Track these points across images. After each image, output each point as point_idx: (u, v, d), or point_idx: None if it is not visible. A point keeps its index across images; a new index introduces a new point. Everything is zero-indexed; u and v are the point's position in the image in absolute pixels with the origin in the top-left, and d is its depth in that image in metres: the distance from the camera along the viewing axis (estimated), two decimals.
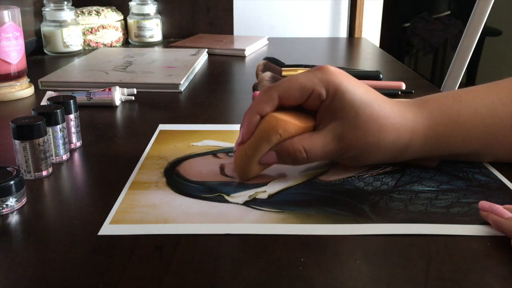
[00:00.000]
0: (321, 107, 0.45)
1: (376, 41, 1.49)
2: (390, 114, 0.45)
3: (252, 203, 0.43)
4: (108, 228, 0.39)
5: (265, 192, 0.45)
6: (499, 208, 0.39)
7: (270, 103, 0.45)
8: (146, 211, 0.42)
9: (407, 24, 2.50)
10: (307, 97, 0.45)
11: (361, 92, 0.45)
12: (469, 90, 0.49)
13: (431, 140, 0.46)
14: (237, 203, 0.43)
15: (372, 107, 0.44)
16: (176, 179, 0.48)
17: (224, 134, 0.60)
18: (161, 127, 0.62)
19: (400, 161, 0.48)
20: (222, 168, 0.50)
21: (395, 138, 0.45)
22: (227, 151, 0.54)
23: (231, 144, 0.56)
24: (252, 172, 0.47)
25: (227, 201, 0.43)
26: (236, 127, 0.63)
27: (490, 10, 1.15)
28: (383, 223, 0.40)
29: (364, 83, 0.47)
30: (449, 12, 2.55)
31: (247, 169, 0.46)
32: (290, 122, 0.45)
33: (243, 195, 0.44)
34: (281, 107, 0.46)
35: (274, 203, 0.43)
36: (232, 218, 0.40)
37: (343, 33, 1.44)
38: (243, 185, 0.46)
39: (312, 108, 0.46)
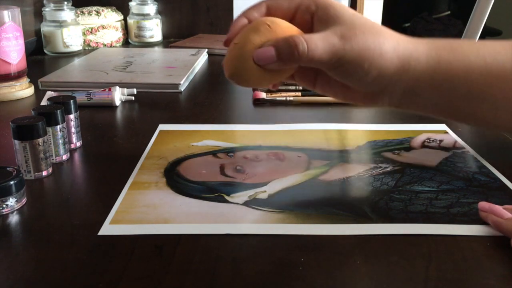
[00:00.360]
0: (314, 20, 0.44)
1: None
2: (386, 29, 0.44)
3: (252, 203, 0.43)
4: (108, 228, 0.39)
5: (265, 192, 0.45)
6: (499, 208, 0.39)
7: (257, 9, 0.44)
8: (146, 211, 0.42)
9: (407, 24, 2.50)
10: (294, 9, 0.44)
11: (352, 10, 0.44)
12: (474, 40, 0.48)
13: (433, 60, 0.43)
14: (237, 203, 0.43)
15: (366, 18, 0.44)
16: (176, 179, 0.48)
17: (224, 134, 0.60)
18: (161, 127, 0.62)
19: (403, 86, 0.44)
20: (222, 168, 0.50)
21: (395, 46, 0.43)
22: (227, 151, 0.54)
23: (231, 144, 0.56)
24: (246, 71, 0.41)
25: (227, 201, 0.43)
26: (236, 127, 0.63)
27: (490, 10, 1.14)
28: (383, 223, 0.40)
29: None
30: (449, 12, 2.55)
31: (238, 65, 0.41)
32: (278, 19, 0.42)
33: (243, 195, 0.44)
34: None
35: (274, 203, 0.43)
36: (232, 218, 0.40)
37: None
38: (243, 185, 0.46)
39: (304, 26, 0.44)
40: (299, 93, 0.73)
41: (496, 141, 0.58)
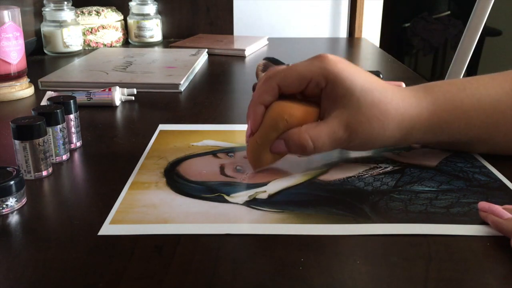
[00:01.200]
0: (322, 95, 0.46)
1: (376, 41, 1.49)
2: (393, 100, 0.46)
3: (252, 203, 0.43)
4: (108, 228, 0.39)
5: (265, 192, 0.45)
6: (498, 208, 0.39)
7: (270, 93, 0.46)
8: (146, 211, 0.42)
9: (407, 24, 2.50)
10: (305, 86, 0.46)
11: (361, 79, 0.45)
12: (474, 79, 0.49)
13: (434, 125, 0.47)
14: (237, 203, 0.43)
15: (373, 93, 0.45)
16: (176, 179, 0.48)
17: (224, 134, 0.60)
18: (161, 127, 0.62)
19: (405, 145, 0.50)
20: (222, 168, 0.50)
21: (399, 122, 0.46)
22: (227, 151, 0.54)
23: (231, 144, 0.56)
24: (265, 161, 0.48)
25: (227, 201, 0.43)
26: (236, 127, 0.63)
27: (490, 10, 1.14)
28: (383, 223, 0.40)
29: (366, 71, 0.47)
30: (449, 12, 2.55)
31: (259, 158, 0.48)
32: (295, 106, 0.46)
33: (243, 195, 0.44)
34: (283, 96, 0.47)
35: (274, 203, 0.43)
36: (232, 218, 0.40)
37: (343, 33, 1.44)
38: (243, 185, 0.46)
39: (314, 96, 0.47)
40: None
41: None
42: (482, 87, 0.48)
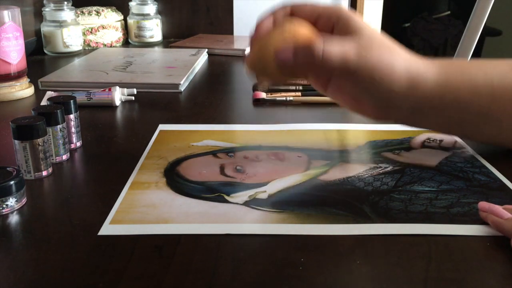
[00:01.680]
0: (334, 32, 0.46)
1: None
2: (401, 48, 0.46)
3: (252, 203, 0.43)
4: (108, 228, 0.39)
5: (265, 192, 0.45)
6: (499, 208, 0.39)
7: (283, 10, 0.47)
8: (146, 211, 0.42)
9: (407, 24, 2.50)
10: (317, 16, 0.46)
11: (372, 27, 0.46)
12: (484, 60, 0.49)
13: (442, 81, 0.45)
14: (237, 203, 0.43)
15: (384, 37, 0.45)
16: (176, 179, 0.48)
17: (224, 134, 0.60)
18: (161, 127, 0.62)
19: (412, 104, 0.46)
20: (222, 168, 0.50)
21: (407, 66, 0.45)
22: (227, 151, 0.54)
23: (231, 144, 0.56)
24: (268, 67, 0.44)
25: (227, 201, 0.43)
26: (236, 127, 0.63)
27: (490, 10, 1.15)
28: (383, 223, 0.40)
29: None
30: (449, 12, 2.55)
31: (262, 60, 0.44)
32: (303, 21, 0.45)
33: (243, 195, 0.44)
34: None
35: (274, 203, 0.43)
36: (232, 218, 0.40)
37: None
38: (243, 185, 0.46)
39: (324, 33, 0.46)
40: (299, 93, 0.73)
41: None
42: (489, 63, 0.48)
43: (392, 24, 2.30)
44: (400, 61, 0.44)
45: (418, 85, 0.45)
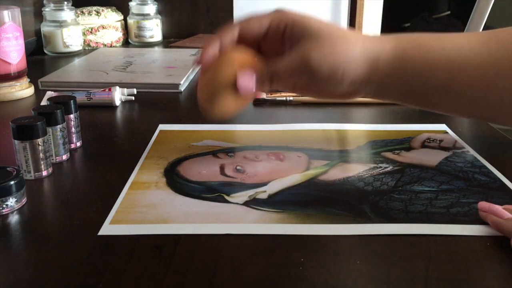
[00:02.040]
0: (283, 41, 0.47)
1: None
2: (352, 33, 0.46)
3: (252, 203, 0.43)
4: (108, 228, 0.39)
5: (265, 192, 0.45)
6: (499, 208, 0.39)
7: (230, 33, 0.47)
8: (146, 211, 0.42)
9: (407, 24, 2.50)
10: (266, 29, 0.47)
11: (317, 21, 0.46)
12: (441, 33, 0.49)
13: (398, 59, 0.46)
14: (237, 203, 0.43)
15: (331, 27, 0.46)
16: (176, 179, 0.48)
17: (224, 134, 0.60)
18: (161, 127, 0.62)
19: (372, 87, 0.47)
20: (222, 168, 0.50)
21: (363, 51, 0.45)
22: (227, 151, 0.54)
23: (231, 144, 0.56)
24: (223, 97, 0.44)
25: (227, 201, 0.43)
26: (236, 127, 0.63)
27: (490, 10, 1.14)
28: (383, 223, 0.40)
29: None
30: (449, 12, 2.55)
31: (216, 92, 0.44)
32: (251, 54, 0.46)
33: (243, 195, 0.44)
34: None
35: (274, 203, 0.43)
36: (232, 218, 0.40)
37: None
38: (243, 185, 0.46)
39: (275, 46, 0.47)
40: None
41: (496, 141, 0.58)
42: (448, 37, 0.48)
43: (392, 24, 2.30)
44: (355, 49, 0.45)
45: (377, 66, 0.46)
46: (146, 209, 0.42)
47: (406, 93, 0.48)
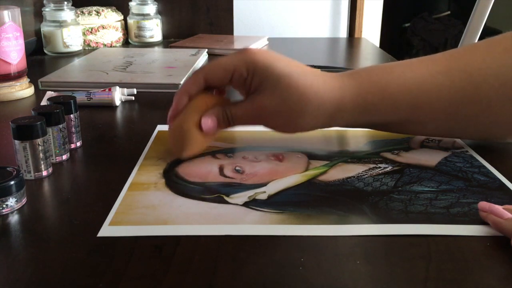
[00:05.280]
0: (246, 88, 0.49)
1: (376, 41, 1.49)
2: (313, 84, 0.47)
3: (251, 204, 0.43)
4: (107, 230, 0.39)
5: (264, 192, 0.45)
6: (499, 208, 0.39)
7: (196, 84, 0.49)
8: (145, 212, 0.42)
9: (407, 24, 2.50)
10: (230, 77, 0.48)
11: (281, 66, 0.47)
12: (403, 62, 0.51)
13: (360, 107, 0.48)
14: (237, 204, 0.43)
15: (291, 78, 0.47)
16: (175, 180, 0.48)
17: (223, 135, 0.60)
18: (160, 127, 0.62)
19: (335, 126, 0.50)
20: (221, 168, 0.50)
21: (319, 104, 0.47)
22: (226, 152, 0.54)
23: (230, 144, 0.56)
24: (193, 139, 0.48)
25: (226, 202, 0.43)
26: (236, 127, 0.63)
27: (490, 10, 1.15)
28: (383, 224, 0.40)
29: (291, 59, 0.49)
30: (449, 12, 2.55)
31: (187, 137, 0.48)
32: (216, 98, 0.50)
33: (243, 196, 0.44)
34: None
35: (274, 203, 0.43)
36: (231, 219, 0.40)
37: (343, 33, 1.44)
38: (242, 186, 0.46)
39: (241, 89, 0.50)
40: None
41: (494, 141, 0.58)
42: (409, 69, 0.49)
43: (392, 24, 2.30)
44: (309, 104, 0.47)
45: (337, 116, 0.49)
46: (145, 210, 0.42)
47: (372, 126, 0.52)
